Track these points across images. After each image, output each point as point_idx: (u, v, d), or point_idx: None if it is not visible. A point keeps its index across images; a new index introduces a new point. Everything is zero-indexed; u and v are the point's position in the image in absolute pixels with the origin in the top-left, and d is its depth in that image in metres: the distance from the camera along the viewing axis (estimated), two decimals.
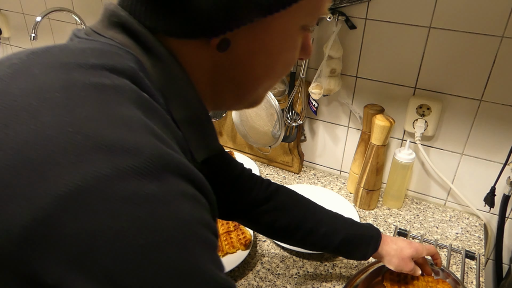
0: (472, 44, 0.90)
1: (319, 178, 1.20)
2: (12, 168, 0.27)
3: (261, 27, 0.41)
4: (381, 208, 1.08)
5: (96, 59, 0.34)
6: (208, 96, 0.46)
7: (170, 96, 0.40)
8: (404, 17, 0.94)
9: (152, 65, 0.39)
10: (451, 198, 1.09)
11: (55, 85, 0.31)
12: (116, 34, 0.40)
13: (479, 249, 0.95)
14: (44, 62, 0.33)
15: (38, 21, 1.25)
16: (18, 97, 0.29)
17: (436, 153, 1.05)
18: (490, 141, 0.97)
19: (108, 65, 0.34)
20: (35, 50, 0.35)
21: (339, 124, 1.15)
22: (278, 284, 0.84)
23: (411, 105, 1.00)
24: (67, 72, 0.32)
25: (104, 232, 0.26)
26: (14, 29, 1.66)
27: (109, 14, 0.40)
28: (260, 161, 1.26)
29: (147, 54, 0.39)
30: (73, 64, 0.33)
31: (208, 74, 0.44)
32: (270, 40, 0.43)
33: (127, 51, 0.38)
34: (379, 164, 1.01)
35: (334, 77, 1.03)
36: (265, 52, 0.44)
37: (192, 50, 0.41)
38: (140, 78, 0.36)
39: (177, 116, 0.40)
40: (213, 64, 0.43)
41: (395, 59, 0.99)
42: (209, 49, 0.41)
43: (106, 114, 0.30)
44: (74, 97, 0.30)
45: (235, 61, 0.43)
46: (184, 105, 0.41)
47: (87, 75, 0.32)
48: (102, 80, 0.32)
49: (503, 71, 0.89)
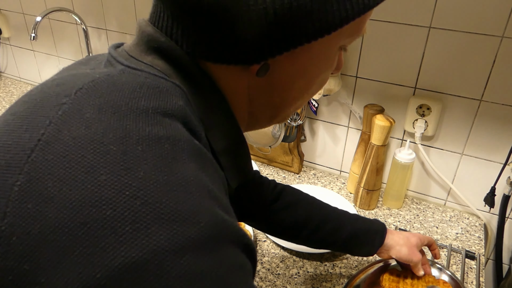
0: (472, 44, 0.90)
1: (319, 178, 1.20)
2: (67, 230, 0.26)
3: (302, 51, 0.40)
4: (381, 208, 1.08)
5: (147, 101, 0.33)
6: (244, 119, 0.46)
7: (210, 126, 0.39)
8: (404, 17, 0.94)
9: (193, 93, 0.39)
10: (451, 198, 1.09)
11: (109, 135, 0.29)
12: (155, 60, 0.39)
13: (479, 249, 0.95)
14: (95, 104, 0.31)
15: (38, 21, 1.25)
16: (72, 148, 0.28)
17: (436, 153, 1.05)
18: (490, 141, 0.97)
19: (160, 109, 0.33)
20: (81, 84, 0.33)
21: (339, 124, 1.15)
22: (278, 284, 0.84)
23: (411, 105, 1.00)
24: (120, 119, 0.30)
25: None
26: (14, 29, 1.66)
27: (147, 39, 0.39)
28: (260, 161, 1.26)
29: (188, 82, 0.39)
30: (124, 108, 0.31)
31: (245, 99, 0.43)
32: (310, 63, 0.42)
33: (172, 84, 0.37)
34: (379, 164, 1.01)
35: (334, 77, 1.03)
36: (304, 75, 0.43)
37: (229, 75, 0.41)
38: (189, 117, 0.35)
39: (217, 147, 0.40)
40: (249, 88, 0.42)
41: (395, 59, 0.99)
42: (247, 74, 0.41)
43: (164, 175, 0.29)
44: (130, 152, 0.29)
45: (273, 84, 0.42)
46: (224, 135, 0.41)
47: (141, 123, 0.31)
48: (157, 130, 0.31)
49: (503, 71, 0.89)
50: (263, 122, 0.48)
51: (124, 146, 0.29)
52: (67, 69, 0.42)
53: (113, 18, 1.38)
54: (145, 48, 0.39)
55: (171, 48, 0.38)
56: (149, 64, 0.38)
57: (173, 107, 0.34)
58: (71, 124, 0.30)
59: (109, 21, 1.39)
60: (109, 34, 1.43)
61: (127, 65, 0.37)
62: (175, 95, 0.35)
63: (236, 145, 0.43)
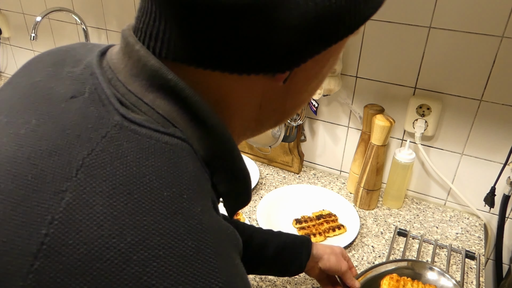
0: (472, 44, 0.90)
1: (319, 178, 1.20)
2: None
3: (324, 52, 0.36)
4: (381, 208, 1.08)
5: (158, 181, 0.29)
6: (249, 128, 0.42)
7: (217, 169, 0.37)
8: (404, 17, 0.94)
9: (200, 137, 0.35)
10: (451, 198, 1.09)
11: (127, 239, 0.26)
12: (158, 100, 0.34)
13: (479, 249, 0.95)
14: (103, 191, 0.27)
15: (38, 21, 1.25)
16: (83, 257, 0.25)
17: (436, 153, 1.05)
18: (490, 141, 0.97)
19: (175, 190, 0.30)
20: (80, 158, 0.29)
21: (339, 124, 1.15)
22: (278, 284, 0.83)
23: (411, 105, 1.00)
24: (135, 212, 0.27)
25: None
26: (14, 29, 1.66)
27: (151, 74, 0.34)
28: (260, 161, 1.26)
29: (196, 124, 0.35)
30: (137, 195, 0.28)
31: (255, 107, 0.39)
32: (325, 63, 0.39)
33: (179, 140, 0.33)
34: (379, 164, 1.01)
35: (334, 77, 1.03)
36: (318, 76, 0.40)
37: (243, 85, 0.36)
38: (203, 185, 0.33)
39: (222, 189, 0.38)
40: (263, 95, 0.38)
41: (395, 59, 0.99)
42: (266, 81, 0.36)
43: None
44: (149, 268, 0.26)
45: (290, 89, 0.39)
46: (231, 178, 0.38)
47: (159, 217, 0.28)
48: (179, 238, 0.28)
49: (503, 71, 0.89)
50: (267, 127, 0.45)
51: (145, 252, 0.26)
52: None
53: (113, 18, 1.38)
54: (147, 85, 0.34)
55: (180, 87, 0.33)
56: (150, 106, 0.33)
57: (188, 182, 0.31)
58: (79, 223, 0.26)
59: (109, 21, 1.39)
60: (109, 34, 1.42)
61: (124, 115, 0.32)
62: (184, 158, 0.32)
63: (241, 189, 0.40)
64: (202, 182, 0.33)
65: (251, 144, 1.20)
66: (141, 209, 0.27)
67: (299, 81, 0.39)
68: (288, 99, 0.40)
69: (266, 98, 0.39)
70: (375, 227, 1.01)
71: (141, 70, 0.34)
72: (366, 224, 1.02)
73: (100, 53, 0.37)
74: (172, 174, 0.30)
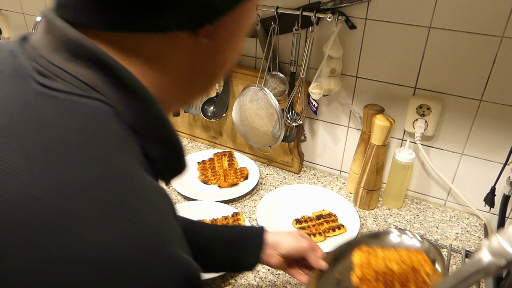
0: (472, 44, 0.90)
1: (319, 178, 1.20)
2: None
3: (241, 7, 0.38)
4: (381, 208, 1.08)
5: (80, 147, 0.30)
6: (184, 93, 0.43)
7: (145, 134, 0.37)
8: (404, 17, 0.94)
9: (125, 103, 0.36)
10: (451, 198, 1.09)
11: (44, 187, 0.28)
12: (81, 69, 0.34)
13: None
14: (22, 149, 0.29)
15: (38, 21, 1.25)
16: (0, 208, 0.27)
17: (436, 153, 1.05)
18: (490, 141, 0.97)
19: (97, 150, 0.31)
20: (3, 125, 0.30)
21: (339, 124, 1.15)
22: (278, 284, 0.84)
23: (411, 105, 1.00)
24: (53, 172, 0.29)
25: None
26: (14, 29, 1.66)
27: (72, 45, 0.34)
28: (260, 161, 1.26)
29: (119, 90, 0.35)
30: (57, 155, 0.29)
31: (186, 70, 0.40)
32: (245, 19, 0.41)
33: (100, 102, 0.34)
34: (379, 164, 1.01)
35: (334, 77, 1.03)
36: (240, 33, 0.41)
37: (166, 45, 0.37)
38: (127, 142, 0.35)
39: (154, 155, 0.38)
40: (190, 57, 0.39)
41: (395, 59, 0.99)
42: (189, 40, 0.38)
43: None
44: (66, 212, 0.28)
45: (215, 49, 0.40)
46: (160, 142, 0.39)
47: (79, 172, 0.30)
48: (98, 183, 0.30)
49: (503, 71, 0.89)
50: (198, 92, 0.45)
51: (62, 197, 0.28)
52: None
53: None
54: (69, 56, 0.35)
55: (102, 55, 0.34)
56: (71, 74, 0.34)
57: (112, 140, 0.32)
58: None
59: None
60: None
61: (43, 84, 0.33)
62: (108, 119, 0.34)
63: (173, 151, 0.41)
64: (128, 142, 0.34)
65: (251, 144, 1.20)
66: (59, 161, 0.29)
67: (221, 38, 0.39)
68: (214, 58, 0.41)
69: (194, 58, 0.40)
70: (375, 227, 1.01)
71: (61, 42, 0.35)
72: (366, 224, 1.02)
73: (22, 37, 0.39)
74: (94, 132, 0.32)
